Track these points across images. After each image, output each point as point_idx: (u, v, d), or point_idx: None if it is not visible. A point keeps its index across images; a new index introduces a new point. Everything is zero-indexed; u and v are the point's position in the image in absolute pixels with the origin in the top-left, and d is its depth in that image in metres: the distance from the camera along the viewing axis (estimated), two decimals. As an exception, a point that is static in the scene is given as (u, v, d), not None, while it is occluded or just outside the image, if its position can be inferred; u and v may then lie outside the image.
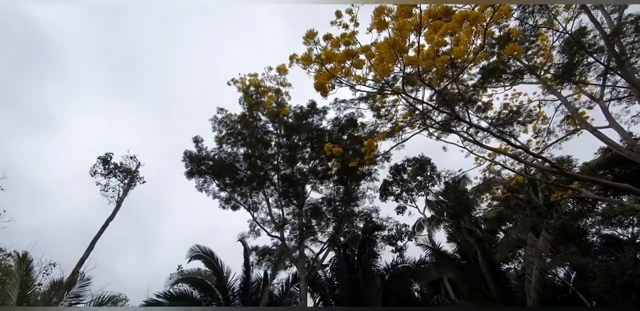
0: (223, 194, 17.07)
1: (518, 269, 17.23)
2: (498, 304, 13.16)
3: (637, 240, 15.36)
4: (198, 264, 14.27)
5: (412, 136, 10.99)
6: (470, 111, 12.32)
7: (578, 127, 15.99)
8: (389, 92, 9.31)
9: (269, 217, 16.58)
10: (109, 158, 14.73)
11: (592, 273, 14.58)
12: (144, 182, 15.44)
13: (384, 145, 21.27)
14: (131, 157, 15.53)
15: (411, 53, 7.60)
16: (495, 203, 19.93)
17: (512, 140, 13.18)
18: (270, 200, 17.03)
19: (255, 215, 16.75)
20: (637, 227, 15.61)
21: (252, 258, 16.05)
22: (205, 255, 13.72)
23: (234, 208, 16.99)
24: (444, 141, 13.69)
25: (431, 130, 13.62)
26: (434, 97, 12.57)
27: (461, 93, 11.85)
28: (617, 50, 11.46)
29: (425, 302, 13.25)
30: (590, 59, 12.86)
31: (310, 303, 13.50)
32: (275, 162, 17.12)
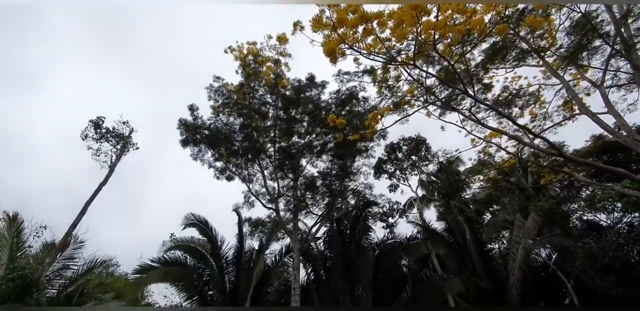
0: (218, 164, 16.88)
1: (502, 249, 17.81)
2: (484, 281, 13.65)
3: (620, 225, 15.90)
4: (191, 232, 14.32)
5: (416, 111, 10.88)
6: (474, 89, 12.15)
7: (577, 112, 16.06)
8: (399, 63, 9.06)
9: (263, 189, 16.53)
10: (100, 122, 14.22)
11: (574, 254, 15.20)
12: (137, 148, 15.07)
13: (385, 121, 21.06)
14: (124, 122, 15.06)
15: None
16: (485, 185, 20.25)
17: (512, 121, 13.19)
18: (266, 172, 16.93)
19: (250, 186, 16.68)
20: (621, 212, 16.12)
21: (245, 228, 16.15)
22: (200, 224, 13.73)
23: (229, 178, 16.86)
24: (443, 120, 13.63)
25: (431, 108, 13.51)
26: (442, 72, 12.34)
27: (468, 69, 11.65)
28: (624, 35, 11.33)
29: (414, 276, 13.68)
30: (596, 43, 12.73)
31: (302, 273, 13.80)
32: (272, 134, 16.88)
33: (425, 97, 12.73)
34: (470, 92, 11.27)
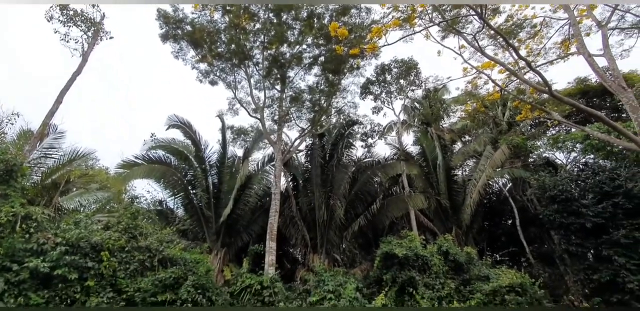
0: (202, 66, 15.81)
1: (464, 175, 19.43)
2: (445, 200, 15.17)
3: (575, 164, 17.50)
4: (173, 134, 14.13)
5: (423, 29, 10.24)
6: (485, 12, 11.41)
7: (573, 51, 15.87)
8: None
9: (249, 98, 16.06)
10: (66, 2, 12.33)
11: (527, 185, 16.92)
12: (111, 38, 13.52)
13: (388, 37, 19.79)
14: (93, 5, 13.14)
15: None
16: (465, 115, 20.81)
17: (514, 53, 12.92)
18: (252, 80, 16.19)
19: (235, 93, 16.06)
20: (580, 153, 17.60)
21: (229, 135, 16.19)
22: (183, 126, 13.53)
23: (212, 83, 16.03)
24: (442, 45, 13.09)
25: (432, 31, 12.81)
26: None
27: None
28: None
29: (384, 192, 14.96)
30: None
31: (283, 181, 14.56)
32: (261, 39, 15.57)
33: (431, 15, 11.91)
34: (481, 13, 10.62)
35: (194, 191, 12.93)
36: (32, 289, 7.29)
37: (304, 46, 16.25)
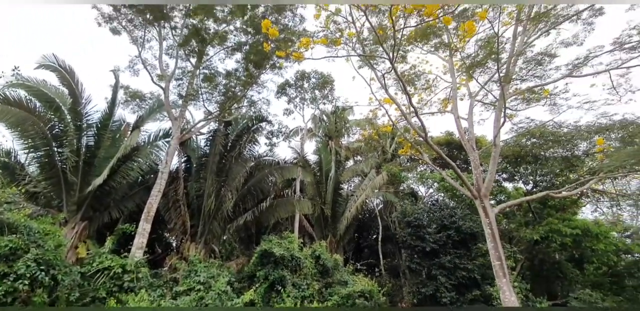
0: (106, 9, 13.19)
1: (349, 190, 21.12)
2: (329, 209, 16.09)
3: (430, 198, 20.86)
4: (46, 76, 11.32)
5: (346, 56, 10.87)
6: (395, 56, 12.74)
7: (448, 109, 18.65)
8: None
9: (156, 62, 14.19)
10: None
11: (395, 208, 19.31)
12: None
13: (314, 51, 20.20)
14: None
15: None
16: (360, 138, 22.82)
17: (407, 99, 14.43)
18: (164, 44, 14.44)
19: (140, 51, 13.86)
20: (435, 190, 21.17)
21: (120, 96, 13.87)
22: (61, 69, 11.03)
23: (114, 32, 13.61)
24: (357, 72, 13.99)
25: (353, 58, 13.65)
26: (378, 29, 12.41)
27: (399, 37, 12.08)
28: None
29: (277, 192, 15.00)
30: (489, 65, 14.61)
31: (175, 160, 13.13)
32: (186, 4, 14.02)
33: (354, 44, 12.71)
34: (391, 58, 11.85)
35: (59, 149, 10.51)
36: None
37: (232, 27, 15.37)
